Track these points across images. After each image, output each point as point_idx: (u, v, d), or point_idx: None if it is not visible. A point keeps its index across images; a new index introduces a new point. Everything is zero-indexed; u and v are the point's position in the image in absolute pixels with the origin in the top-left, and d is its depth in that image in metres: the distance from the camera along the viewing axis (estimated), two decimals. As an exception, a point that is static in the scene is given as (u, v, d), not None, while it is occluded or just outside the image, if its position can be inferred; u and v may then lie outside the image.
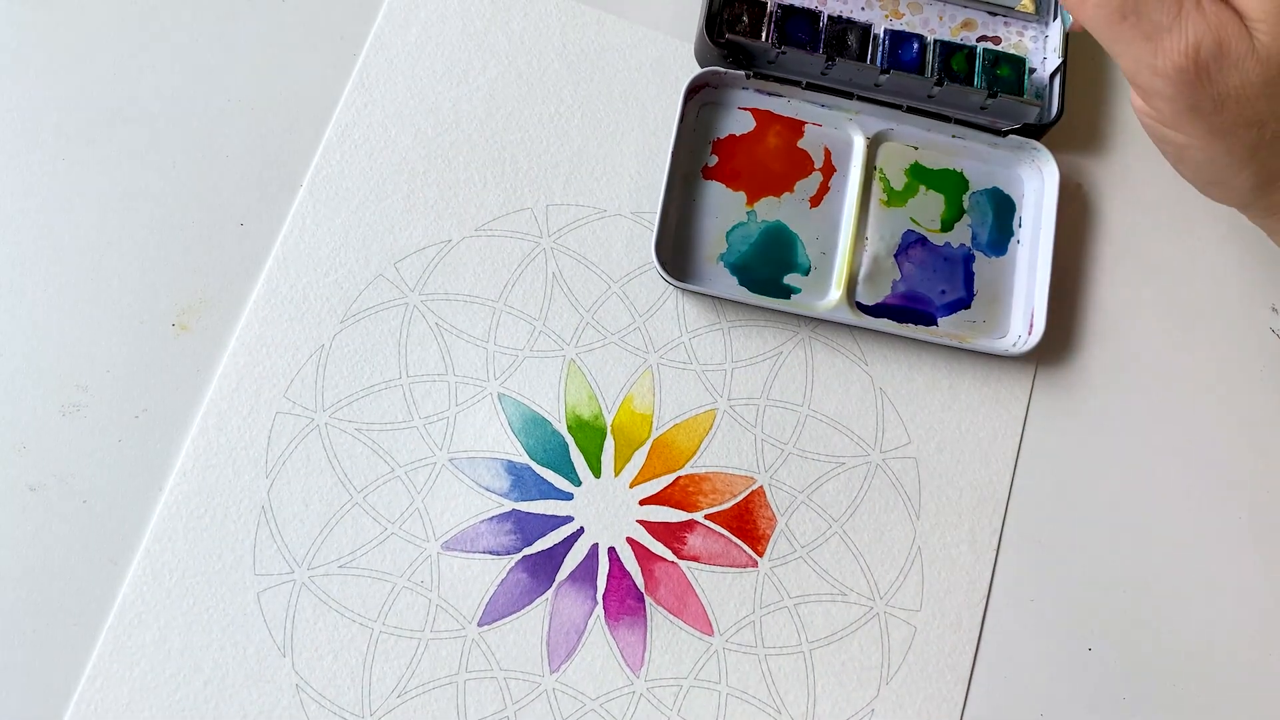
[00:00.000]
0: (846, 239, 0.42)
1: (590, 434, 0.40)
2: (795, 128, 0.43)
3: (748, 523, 0.40)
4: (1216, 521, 0.42)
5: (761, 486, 0.40)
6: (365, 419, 0.39)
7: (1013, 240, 0.43)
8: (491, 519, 0.39)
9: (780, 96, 0.43)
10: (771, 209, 0.42)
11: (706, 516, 0.39)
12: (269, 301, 0.40)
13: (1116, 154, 0.46)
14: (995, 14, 0.45)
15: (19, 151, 0.41)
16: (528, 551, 0.38)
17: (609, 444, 0.40)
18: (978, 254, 0.43)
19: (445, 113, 0.42)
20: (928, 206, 0.43)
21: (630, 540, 0.39)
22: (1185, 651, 0.40)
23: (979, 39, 0.45)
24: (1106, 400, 0.43)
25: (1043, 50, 0.45)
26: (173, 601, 0.37)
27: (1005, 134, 0.43)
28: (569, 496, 0.39)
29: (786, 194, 0.42)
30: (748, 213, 0.42)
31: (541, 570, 0.38)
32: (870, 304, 0.42)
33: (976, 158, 0.44)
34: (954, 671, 0.39)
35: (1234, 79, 0.29)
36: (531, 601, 0.38)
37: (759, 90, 0.43)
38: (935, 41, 0.44)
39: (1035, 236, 0.43)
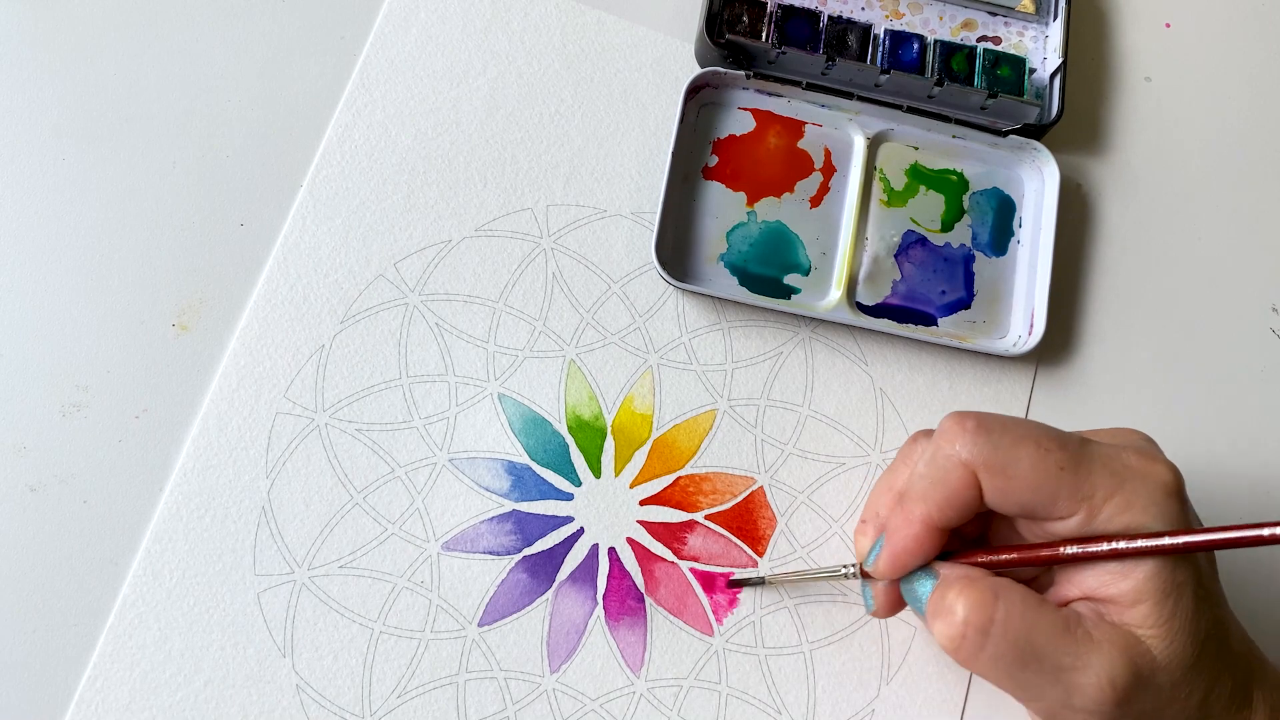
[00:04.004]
0: (846, 239, 0.42)
1: (590, 434, 0.40)
2: (795, 128, 0.43)
3: (748, 523, 0.40)
4: (1217, 521, 0.42)
5: (761, 487, 0.40)
6: (365, 419, 0.39)
7: (1013, 240, 0.43)
8: (491, 519, 0.39)
9: (780, 97, 0.43)
10: (771, 209, 0.42)
11: (707, 517, 0.39)
12: (269, 301, 0.40)
13: (1116, 154, 0.46)
14: (995, 14, 0.45)
15: (19, 151, 0.41)
16: (528, 552, 0.38)
17: (609, 444, 0.40)
18: (978, 254, 0.43)
19: (445, 113, 0.42)
20: (928, 206, 0.43)
21: (630, 540, 0.39)
22: (1185, 651, 0.40)
23: (979, 39, 0.45)
24: (1106, 400, 0.43)
25: (1043, 50, 0.45)
26: (173, 602, 0.37)
27: (1005, 134, 0.43)
28: (569, 497, 0.39)
29: (786, 194, 0.42)
30: (748, 213, 0.42)
31: (542, 570, 0.38)
32: (870, 304, 0.42)
33: (976, 158, 0.44)
34: (954, 671, 0.39)
35: (1149, 694, 0.30)
36: (532, 602, 0.38)
37: (759, 90, 0.43)
38: (935, 41, 0.44)
39: (1035, 236, 0.43)
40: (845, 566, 0.35)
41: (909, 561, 0.32)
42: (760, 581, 0.38)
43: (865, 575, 0.34)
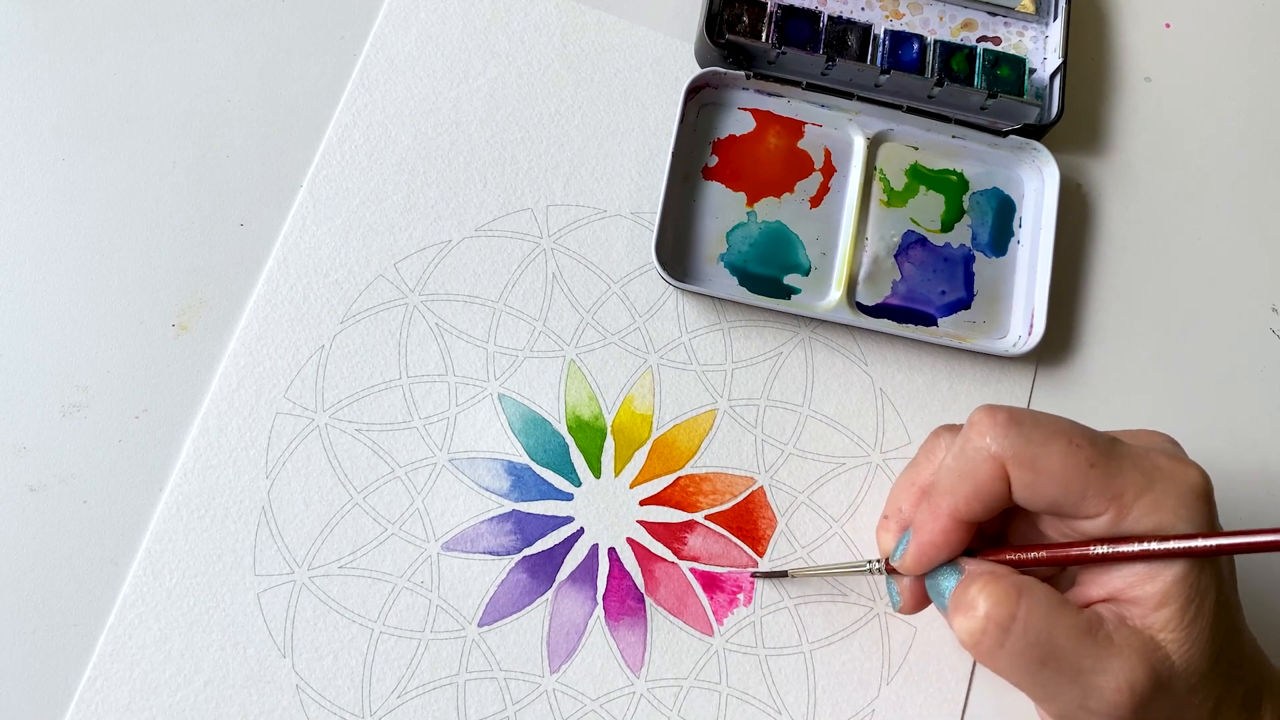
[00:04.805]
0: (846, 239, 0.42)
1: (590, 434, 0.40)
2: (795, 128, 0.43)
3: (748, 523, 0.40)
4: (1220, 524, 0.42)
5: (762, 487, 0.40)
6: (365, 419, 0.39)
7: (1013, 240, 0.43)
8: (491, 519, 0.39)
9: (780, 97, 0.43)
10: (771, 209, 0.42)
11: (707, 517, 0.39)
12: (269, 301, 0.40)
13: (1116, 154, 0.46)
14: (995, 14, 0.45)
15: (19, 151, 0.41)
16: (528, 552, 0.38)
17: (609, 444, 0.40)
18: (978, 254, 0.43)
19: (445, 113, 0.42)
20: (928, 206, 0.43)
21: (630, 540, 0.39)
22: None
23: (979, 39, 0.45)
24: (1106, 400, 0.43)
25: (1043, 50, 0.45)
26: (173, 602, 0.37)
27: (1005, 134, 0.43)
28: (569, 497, 0.39)
29: (786, 194, 0.42)
30: (748, 213, 0.42)
31: (541, 570, 0.38)
32: (870, 304, 0.42)
33: (976, 158, 0.44)
34: (954, 671, 0.39)
35: (1166, 700, 0.30)
36: (532, 602, 0.38)
37: (759, 90, 0.43)
38: (935, 42, 0.44)
39: (1035, 236, 0.43)
40: (871, 562, 0.35)
41: (936, 556, 0.32)
42: (784, 574, 0.38)
43: (890, 571, 0.34)
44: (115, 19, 0.42)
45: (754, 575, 0.39)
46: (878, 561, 0.35)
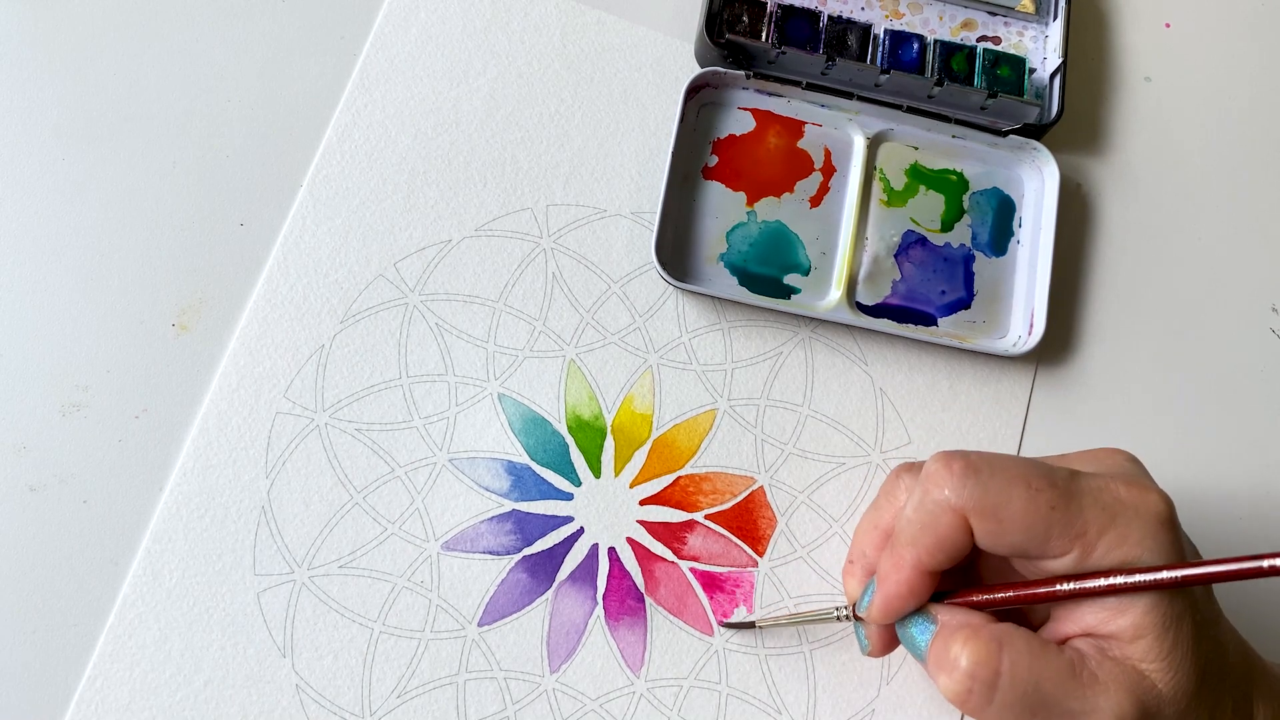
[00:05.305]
0: (846, 239, 0.42)
1: (590, 434, 0.40)
2: (795, 128, 0.43)
3: (748, 523, 0.40)
4: (1217, 522, 0.42)
5: (762, 486, 0.40)
6: (365, 419, 0.39)
7: (1013, 240, 0.43)
8: (491, 519, 0.39)
9: (780, 96, 0.43)
10: (771, 209, 0.42)
11: (707, 516, 0.39)
12: (269, 301, 0.40)
13: (1116, 154, 0.46)
14: (995, 14, 0.45)
15: (19, 151, 0.41)
16: (528, 551, 0.38)
17: (609, 444, 0.40)
18: (978, 254, 0.43)
19: (445, 113, 0.42)
20: (928, 206, 0.43)
21: (630, 540, 0.39)
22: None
23: (979, 39, 0.45)
24: (1106, 400, 0.43)
25: (1043, 50, 0.45)
26: (173, 602, 0.37)
27: (1005, 134, 0.43)
28: (569, 497, 0.39)
29: (786, 194, 0.42)
30: (748, 213, 0.42)
31: (541, 570, 0.38)
32: (870, 304, 0.42)
33: (976, 158, 0.44)
34: (954, 671, 0.39)
35: None
36: (531, 602, 0.38)
37: (759, 90, 0.43)
38: (935, 41, 0.44)
39: (1035, 236, 0.43)
40: (838, 609, 0.35)
41: (902, 607, 0.32)
42: (751, 625, 0.38)
43: (858, 618, 0.34)
44: (115, 19, 0.42)
45: (724, 625, 0.38)
46: (845, 608, 0.35)
